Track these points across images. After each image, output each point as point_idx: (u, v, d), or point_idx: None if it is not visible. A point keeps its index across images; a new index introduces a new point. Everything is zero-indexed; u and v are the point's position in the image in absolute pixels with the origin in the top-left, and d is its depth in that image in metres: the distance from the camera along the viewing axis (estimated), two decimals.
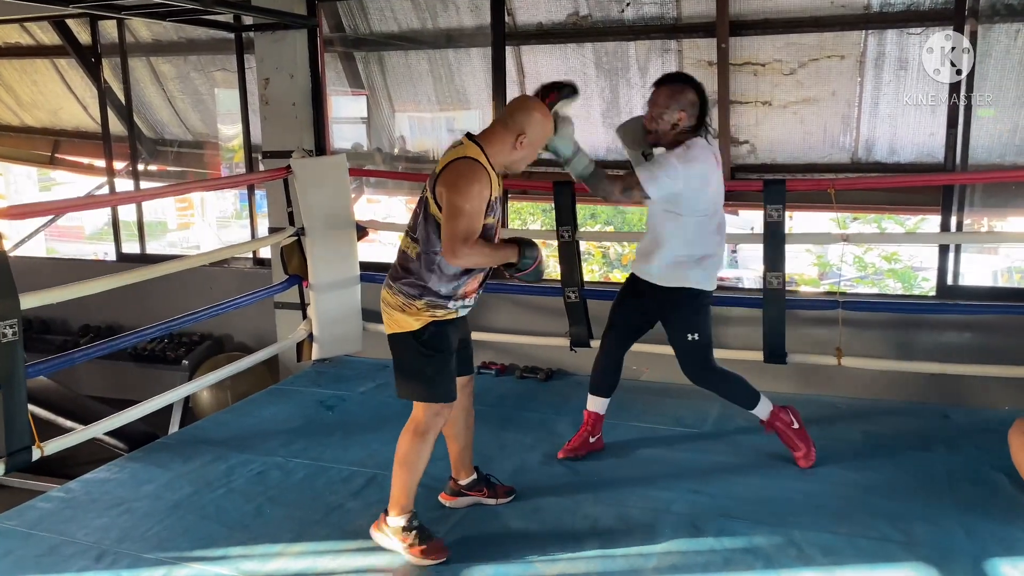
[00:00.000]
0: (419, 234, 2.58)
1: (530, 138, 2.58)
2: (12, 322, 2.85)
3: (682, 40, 4.60)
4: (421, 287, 2.58)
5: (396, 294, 2.61)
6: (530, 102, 2.67)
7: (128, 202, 6.02)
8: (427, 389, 2.65)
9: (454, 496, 3.03)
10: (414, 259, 2.59)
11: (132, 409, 3.55)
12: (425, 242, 2.56)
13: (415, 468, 2.67)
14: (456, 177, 2.48)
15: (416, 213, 2.62)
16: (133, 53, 6.14)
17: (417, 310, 2.60)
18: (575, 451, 3.40)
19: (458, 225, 2.47)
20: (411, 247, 2.61)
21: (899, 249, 9.91)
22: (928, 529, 2.81)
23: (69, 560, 2.76)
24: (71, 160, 7.43)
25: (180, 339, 5.76)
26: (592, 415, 3.43)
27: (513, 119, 2.58)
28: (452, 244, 2.48)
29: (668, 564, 2.65)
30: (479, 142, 2.57)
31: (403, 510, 2.68)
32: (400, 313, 2.62)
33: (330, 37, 5.30)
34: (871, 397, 4.07)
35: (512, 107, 2.68)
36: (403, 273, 2.61)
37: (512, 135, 2.56)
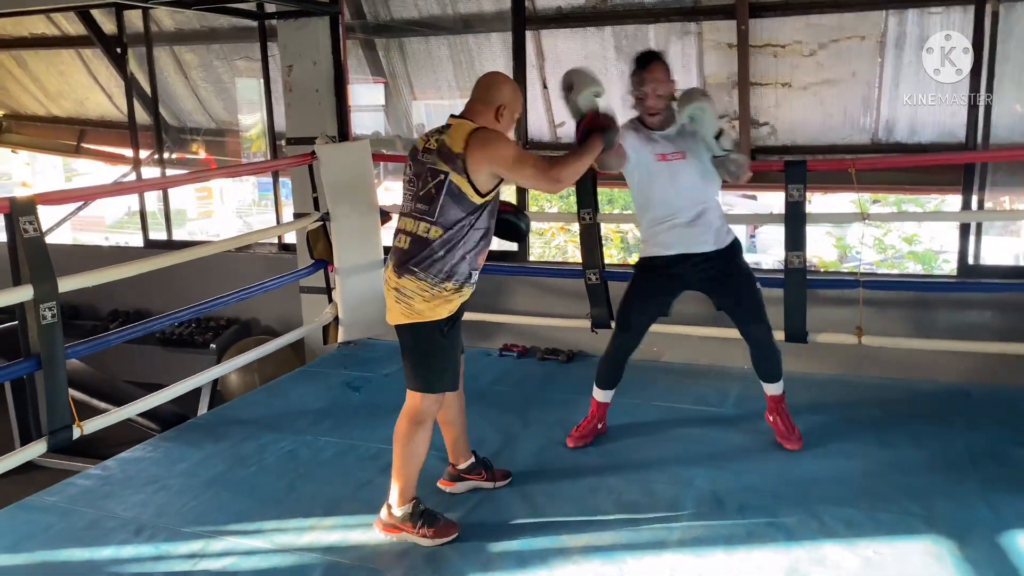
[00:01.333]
0: (440, 216, 2.56)
1: (509, 108, 2.64)
2: (51, 304, 2.94)
3: (702, 22, 4.61)
4: (449, 269, 2.58)
5: (422, 280, 2.58)
6: (498, 76, 2.73)
7: (158, 188, 6.12)
8: (439, 379, 2.66)
9: (453, 481, 3.02)
10: (436, 240, 2.57)
11: (165, 390, 3.63)
12: (451, 223, 2.56)
13: (416, 457, 2.67)
14: (488, 144, 2.53)
15: (427, 196, 2.59)
16: (157, 42, 6.22)
17: (447, 294, 2.59)
18: (584, 439, 3.43)
19: (530, 163, 2.58)
20: (431, 230, 2.57)
21: (920, 231, 9.85)
22: (949, 504, 2.84)
23: (109, 534, 2.86)
24: (96, 149, 7.54)
25: (207, 323, 5.86)
26: (602, 405, 3.46)
27: (489, 95, 2.64)
28: (546, 176, 2.58)
29: (691, 537, 2.70)
30: (469, 119, 2.62)
31: (406, 499, 2.68)
32: (423, 301, 2.59)
33: (351, 24, 5.35)
34: (892, 376, 4.09)
35: (483, 85, 2.69)
36: (425, 257, 2.58)
37: (492, 108, 2.62)
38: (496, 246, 3.07)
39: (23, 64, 7.13)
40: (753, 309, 3.26)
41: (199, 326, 5.85)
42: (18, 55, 7.08)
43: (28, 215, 2.87)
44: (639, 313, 3.32)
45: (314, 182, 4.49)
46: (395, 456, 2.68)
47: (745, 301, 3.26)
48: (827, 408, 3.74)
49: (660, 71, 3.07)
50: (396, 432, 2.68)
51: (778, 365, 3.37)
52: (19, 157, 9.65)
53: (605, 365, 3.42)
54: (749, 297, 3.25)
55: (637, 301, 3.32)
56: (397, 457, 2.68)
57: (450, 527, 2.69)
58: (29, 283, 2.88)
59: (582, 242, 4.37)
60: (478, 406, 3.82)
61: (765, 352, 3.33)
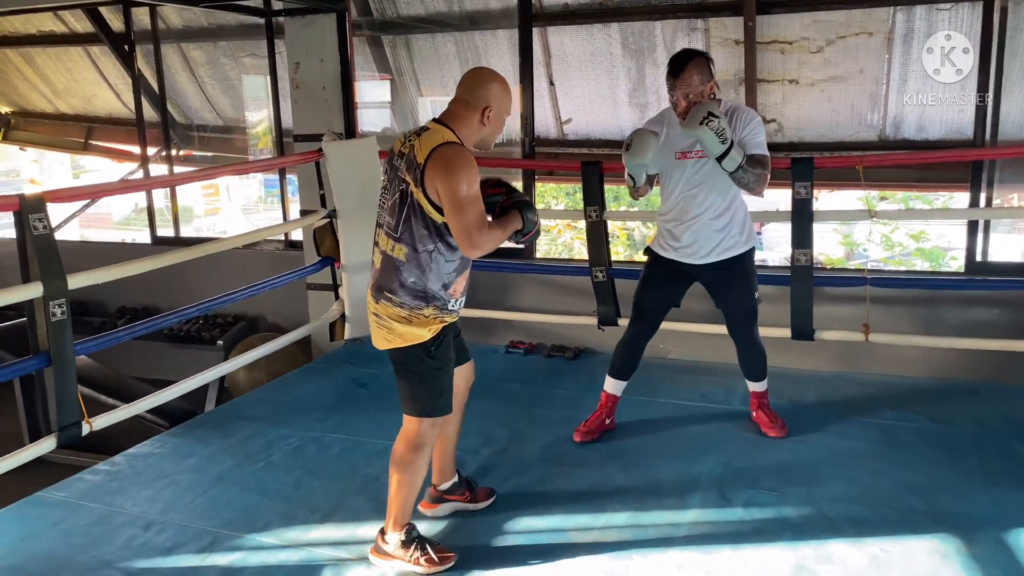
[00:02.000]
0: (405, 234, 2.39)
1: (496, 110, 2.44)
2: (61, 301, 2.95)
3: (709, 19, 4.61)
4: (423, 293, 2.42)
5: (397, 306, 2.42)
6: (485, 73, 2.51)
7: (167, 185, 6.14)
8: (433, 403, 2.52)
9: (435, 503, 2.86)
10: (404, 262, 2.40)
11: (173, 387, 3.65)
12: (416, 240, 2.38)
13: (414, 483, 2.55)
14: (447, 166, 2.31)
15: (393, 208, 2.41)
16: (164, 39, 6.24)
17: (426, 318, 2.44)
18: (591, 434, 3.43)
19: (469, 215, 2.32)
20: (397, 249, 2.40)
21: (927, 228, 9.82)
22: (956, 502, 2.84)
23: (118, 529, 2.88)
24: (104, 146, 7.57)
25: (215, 320, 5.88)
26: (612, 398, 3.47)
27: (474, 95, 2.43)
28: (470, 236, 2.33)
29: (698, 533, 2.71)
30: (448, 124, 2.42)
31: (400, 526, 2.56)
32: (404, 325, 2.44)
33: (358, 21, 5.35)
34: (899, 374, 4.09)
35: (468, 84, 2.47)
36: (398, 280, 2.41)
37: (477, 111, 2.42)
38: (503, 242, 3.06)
39: (31, 61, 7.16)
40: (745, 321, 3.32)
41: (206, 322, 5.88)
42: (26, 52, 7.11)
43: (38, 212, 2.88)
44: (653, 300, 3.35)
45: (321, 179, 4.50)
46: (391, 482, 2.56)
47: (735, 302, 3.30)
48: (834, 405, 3.74)
49: (693, 77, 2.99)
50: (393, 457, 2.56)
51: (763, 364, 3.43)
52: (27, 154, 9.70)
53: (621, 351, 3.43)
54: (739, 299, 3.28)
55: (650, 289, 3.34)
56: (393, 483, 2.55)
57: (445, 555, 2.57)
58: (39, 280, 2.89)
59: (589, 239, 4.37)
60: (484, 402, 3.83)
61: (747, 352, 3.39)
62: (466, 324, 4.93)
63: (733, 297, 3.30)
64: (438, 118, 2.46)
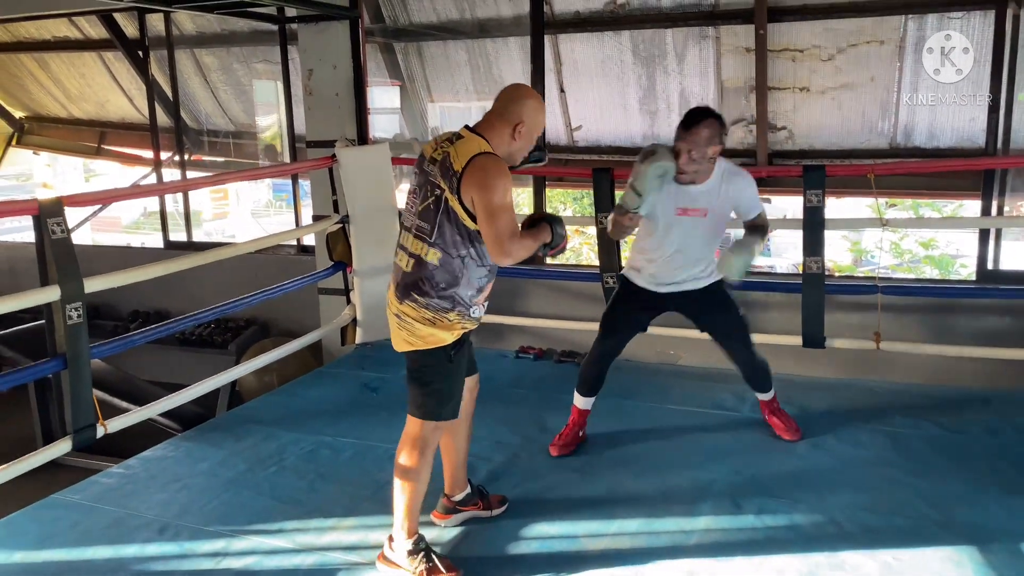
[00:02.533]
0: (439, 239, 2.40)
1: (528, 127, 2.46)
2: (77, 305, 2.98)
3: (720, 27, 4.63)
4: (451, 297, 2.43)
5: (423, 308, 2.43)
6: (522, 90, 2.54)
7: (182, 190, 6.19)
8: (443, 406, 2.53)
9: (448, 514, 2.84)
10: (437, 266, 2.41)
11: (186, 390, 3.67)
12: (450, 246, 2.40)
13: (419, 488, 2.53)
14: (485, 176, 2.35)
15: (426, 213, 2.42)
16: (178, 45, 6.29)
17: (449, 323, 2.45)
18: (568, 447, 3.38)
19: (503, 224, 2.35)
20: (431, 253, 2.41)
21: (937, 235, 9.81)
22: (968, 510, 2.84)
23: (133, 532, 2.89)
24: (116, 151, 7.63)
25: (227, 324, 5.92)
26: (583, 413, 3.43)
27: (508, 109, 2.45)
28: (501, 244, 2.35)
29: (710, 540, 2.71)
30: (481, 134, 2.44)
31: (410, 532, 2.54)
32: (428, 327, 2.44)
33: (370, 28, 5.40)
34: (910, 382, 4.09)
35: (505, 98, 2.50)
36: (427, 283, 2.42)
37: (510, 125, 2.44)
38: None
39: (45, 67, 7.23)
40: (735, 332, 3.30)
41: (218, 327, 5.91)
42: (40, 58, 7.18)
43: (56, 216, 2.91)
44: (624, 320, 3.34)
45: (334, 185, 4.53)
46: (396, 488, 2.54)
47: (727, 324, 3.29)
48: (845, 413, 3.73)
49: (702, 136, 2.97)
50: (397, 463, 2.54)
51: (767, 376, 3.41)
52: (40, 158, 9.77)
53: (588, 370, 3.40)
54: (730, 320, 3.29)
55: (621, 308, 3.33)
56: (398, 488, 2.53)
57: (451, 569, 2.53)
58: (56, 283, 2.92)
59: (600, 245, 4.39)
60: (494, 408, 3.85)
61: (750, 368, 3.38)
62: (476, 329, 4.96)
63: (722, 315, 3.29)
64: (471, 127, 2.48)
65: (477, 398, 2.87)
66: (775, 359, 4.20)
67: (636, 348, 3.54)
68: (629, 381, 4.04)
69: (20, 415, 5.07)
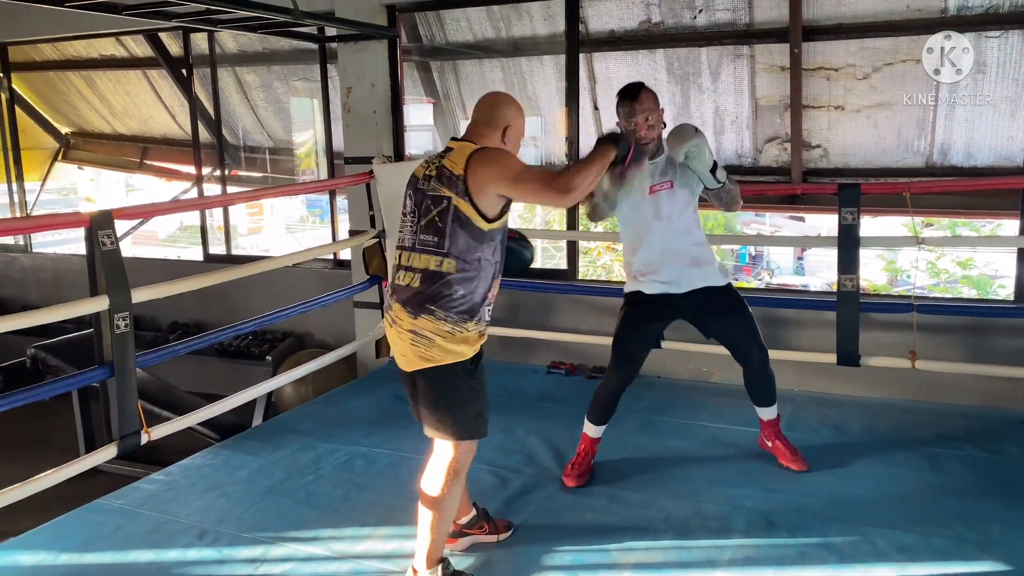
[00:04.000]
0: (452, 248, 2.35)
1: (515, 129, 2.49)
2: (125, 315, 3.08)
3: (755, 45, 4.65)
4: (468, 307, 2.39)
5: (441, 320, 2.36)
6: (502, 97, 2.55)
7: (224, 204, 6.32)
8: (473, 426, 2.45)
9: (455, 538, 2.79)
10: (454, 274, 2.36)
11: (226, 400, 3.76)
12: (465, 252, 2.36)
13: (449, 514, 2.49)
14: (486, 160, 2.35)
15: (432, 226, 2.38)
16: (220, 64, 6.45)
17: (468, 334, 2.40)
18: (583, 477, 3.28)
19: (534, 176, 2.35)
20: (445, 263, 2.36)
21: (974, 255, 9.69)
22: (1005, 531, 2.81)
23: (174, 537, 2.97)
24: (158, 166, 7.81)
25: (264, 336, 6.01)
26: (595, 441, 3.36)
27: (493, 115, 2.48)
28: (552, 186, 2.31)
29: (743, 557, 2.71)
30: (471, 141, 2.45)
31: (435, 561, 2.49)
32: (448, 340, 2.38)
33: (407, 47, 5.49)
34: (946, 401, 4.05)
35: (487, 105, 2.52)
36: (447, 294, 2.36)
37: (498, 131, 2.46)
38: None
39: (92, 84, 7.44)
40: (749, 333, 3.21)
41: (255, 338, 6.01)
42: (87, 75, 7.39)
43: (106, 229, 3.01)
44: (637, 341, 3.24)
45: (371, 200, 4.61)
46: (424, 515, 2.48)
47: (740, 325, 3.20)
48: (880, 432, 3.72)
49: (650, 101, 3.04)
50: (426, 488, 2.48)
51: (772, 388, 3.31)
52: (84, 173, 10.02)
53: (602, 399, 3.30)
54: (744, 321, 3.20)
55: (633, 332, 3.23)
56: (427, 516, 2.47)
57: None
58: (105, 294, 3.02)
59: None
60: (526, 422, 3.89)
61: (761, 375, 3.27)
62: (508, 343, 5.03)
63: (734, 317, 3.19)
64: (459, 137, 2.50)
65: (502, 412, 2.85)
66: (809, 377, 4.22)
67: (669, 364, 3.56)
68: (662, 397, 4.06)
69: (62, 423, 5.19)
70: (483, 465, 3.41)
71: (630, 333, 3.23)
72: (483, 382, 2.50)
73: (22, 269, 7.33)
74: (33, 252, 7.45)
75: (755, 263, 17.22)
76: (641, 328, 3.24)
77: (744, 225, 15.60)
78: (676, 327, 3.47)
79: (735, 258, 16.79)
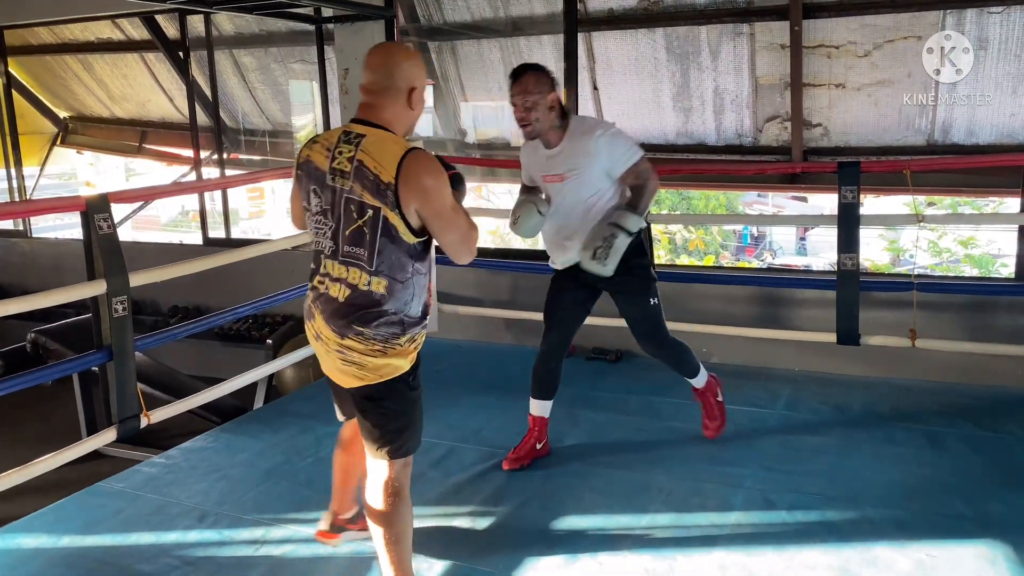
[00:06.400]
0: (382, 265, 2.09)
1: (420, 89, 2.17)
2: (123, 298, 3.08)
3: (754, 23, 4.61)
4: (400, 322, 2.14)
5: (370, 340, 2.12)
6: (397, 50, 2.29)
7: (221, 187, 6.30)
8: (412, 439, 2.27)
9: (336, 533, 2.68)
10: (386, 295, 2.11)
11: (226, 383, 3.77)
12: (397, 270, 2.10)
13: (408, 536, 2.28)
14: (422, 183, 2.05)
15: (358, 236, 2.08)
16: (217, 46, 6.41)
17: (402, 347, 2.16)
18: (520, 460, 3.25)
19: (462, 226, 2.14)
20: (375, 283, 2.09)
21: (976, 234, 9.66)
22: (1004, 509, 2.81)
23: (175, 519, 2.98)
24: (157, 149, 7.79)
25: (264, 319, 6.01)
26: (540, 420, 3.31)
27: (393, 77, 2.12)
28: (468, 244, 2.16)
29: (742, 535, 2.72)
30: (378, 124, 2.12)
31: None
32: (379, 358, 2.14)
33: (405, 27, 5.45)
34: (946, 380, 4.04)
35: (381, 64, 2.15)
36: (375, 313, 2.11)
37: (403, 96, 2.13)
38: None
39: (89, 68, 7.41)
40: (645, 326, 3.16)
41: (256, 322, 6.02)
42: (84, 59, 7.36)
43: (103, 212, 3.01)
44: (560, 312, 3.20)
45: None
46: (381, 542, 2.26)
47: (642, 321, 3.15)
48: (879, 411, 3.72)
49: (529, 83, 2.88)
50: (374, 514, 2.27)
51: (691, 361, 3.26)
52: (83, 157, 10.01)
53: (536, 369, 3.27)
54: (634, 301, 3.13)
55: (550, 297, 3.22)
56: (384, 542, 2.26)
57: None
58: (103, 278, 3.01)
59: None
60: (525, 403, 3.88)
61: (672, 358, 3.25)
62: (510, 325, 5.02)
63: (624, 300, 3.15)
64: (362, 118, 2.15)
65: (502, 394, 2.83)
66: (809, 357, 4.21)
67: None
68: (660, 378, 4.04)
69: (63, 407, 5.21)
70: (483, 446, 3.43)
71: (549, 305, 3.23)
72: (420, 394, 2.28)
73: (21, 254, 7.33)
74: (33, 237, 7.45)
75: (757, 243, 17.21)
76: (555, 296, 3.21)
77: (746, 206, 15.57)
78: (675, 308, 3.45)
79: (737, 238, 16.79)
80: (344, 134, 2.12)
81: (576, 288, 3.16)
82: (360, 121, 2.14)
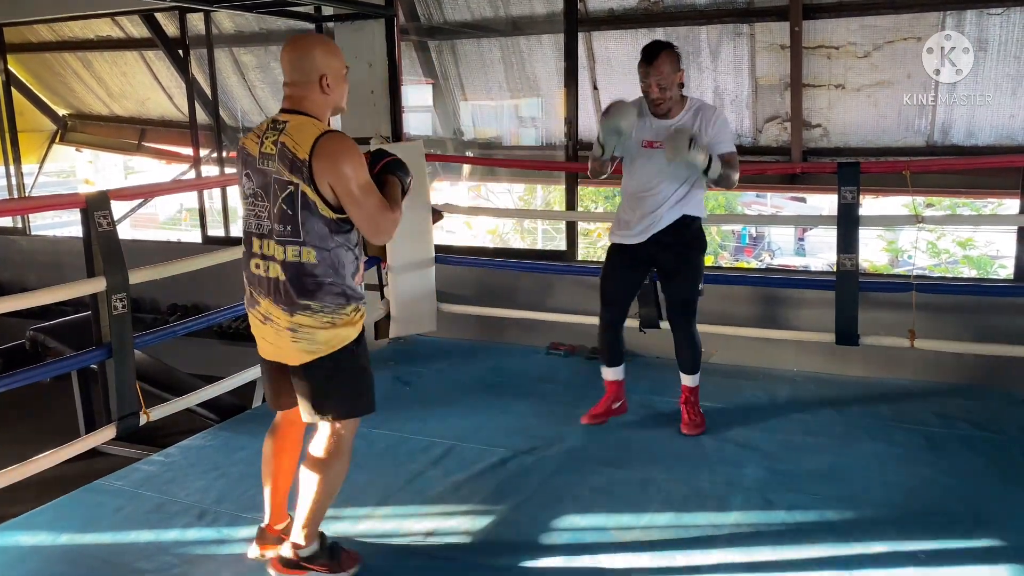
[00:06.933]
0: (308, 236, 2.24)
1: (334, 75, 2.29)
2: (122, 296, 3.08)
3: (754, 24, 4.61)
4: (341, 290, 2.30)
5: (318, 312, 2.28)
6: (301, 43, 2.33)
7: (220, 185, 6.32)
8: (362, 400, 2.42)
9: (273, 544, 2.60)
10: (317, 264, 2.26)
11: (225, 381, 3.77)
12: (320, 240, 2.25)
13: (333, 492, 2.44)
14: (334, 161, 2.19)
15: (284, 214, 2.24)
16: (216, 44, 6.41)
17: (348, 317, 2.32)
18: (599, 417, 3.55)
19: (370, 204, 2.24)
20: (305, 253, 2.25)
21: (975, 235, 9.68)
22: (1001, 509, 2.82)
23: (174, 517, 2.97)
24: (156, 148, 7.79)
25: None
26: (614, 384, 3.58)
27: (303, 69, 2.27)
28: (376, 224, 2.26)
29: (740, 534, 2.72)
30: (300, 111, 2.28)
31: (315, 536, 2.47)
32: (328, 330, 2.30)
33: (405, 26, 5.45)
34: (944, 381, 4.05)
35: (292, 59, 2.29)
36: (315, 284, 2.27)
37: (315, 85, 2.27)
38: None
39: (88, 65, 7.40)
40: (684, 308, 3.41)
41: None
42: (84, 57, 7.35)
43: (102, 210, 3.01)
44: (613, 283, 3.45)
45: None
46: (308, 492, 2.40)
47: (678, 285, 3.40)
48: (878, 411, 3.72)
49: (666, 65, 3.17)
50: (310, 465, 2.41)
51: (697, 358, 3.50)
52: (82, 155, 10.00)
53: (600, 340, 3.56)
54: (683, 283, 3.38)
55: (608, 272, 3.46)
56: (312, 493, 2.39)
57: (352, 558, 2.54)
58: (102, 275, 3.01)
59: None
60: (525, 403, 3.90)
61: (687, 342, 3.46)
62: (507, 325, 5.02)
63: (676, 279, 3.40)
64: (286, 108, 2.32)
65: (502, 393, 2.85)
66: (808, 357, 4.22)
67: (668, 345, 3.56)
68: (660, 377, 4.06)
69: (62, 404, 5.20)
70: (482, 445, 3.43)
71: (605, 276, 3.48)
72: (367, 359, 2.44)
73: (21, 252, 7.33)
74: (32, 235, 7.45)
75: (756, 244, 17.20)
76: (613, 270, 3.46)
77: (745, 206, 15.57)
78: None
79: (736, 239, 16.79)
80: (272, 122, 2.30)
81: (632, 263, 3.41)
82: (285, 111, 2.31)
